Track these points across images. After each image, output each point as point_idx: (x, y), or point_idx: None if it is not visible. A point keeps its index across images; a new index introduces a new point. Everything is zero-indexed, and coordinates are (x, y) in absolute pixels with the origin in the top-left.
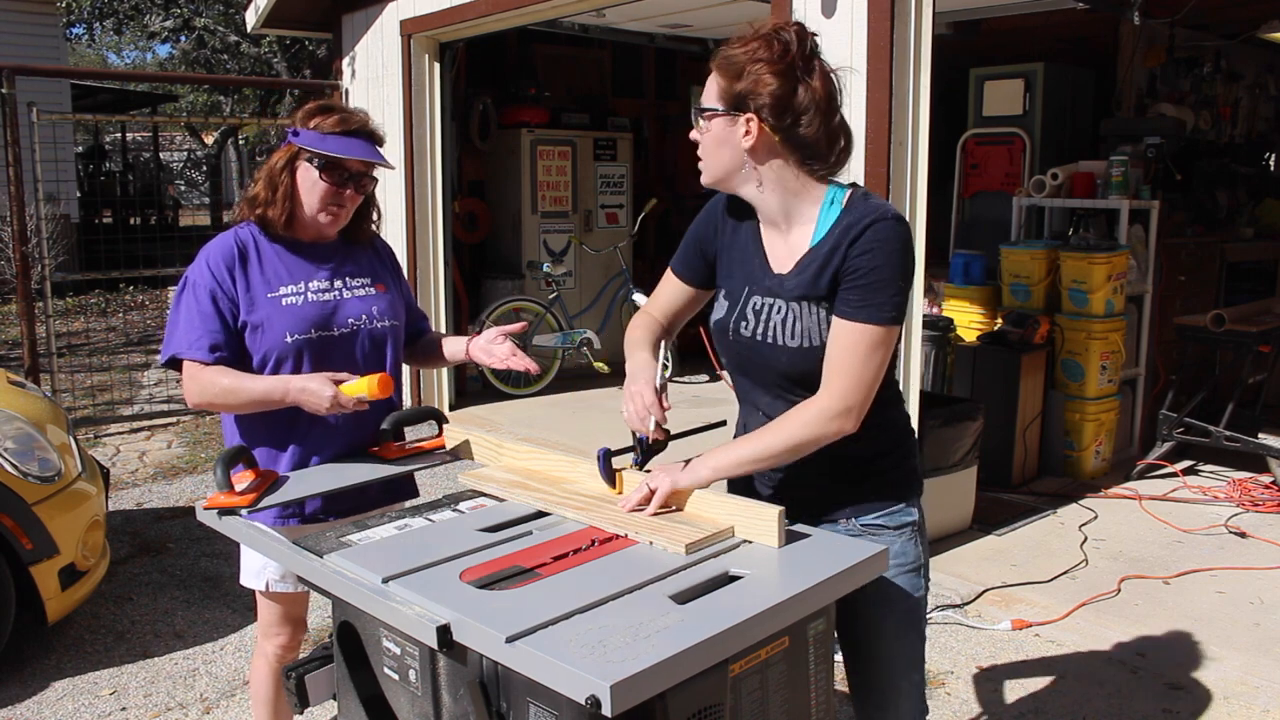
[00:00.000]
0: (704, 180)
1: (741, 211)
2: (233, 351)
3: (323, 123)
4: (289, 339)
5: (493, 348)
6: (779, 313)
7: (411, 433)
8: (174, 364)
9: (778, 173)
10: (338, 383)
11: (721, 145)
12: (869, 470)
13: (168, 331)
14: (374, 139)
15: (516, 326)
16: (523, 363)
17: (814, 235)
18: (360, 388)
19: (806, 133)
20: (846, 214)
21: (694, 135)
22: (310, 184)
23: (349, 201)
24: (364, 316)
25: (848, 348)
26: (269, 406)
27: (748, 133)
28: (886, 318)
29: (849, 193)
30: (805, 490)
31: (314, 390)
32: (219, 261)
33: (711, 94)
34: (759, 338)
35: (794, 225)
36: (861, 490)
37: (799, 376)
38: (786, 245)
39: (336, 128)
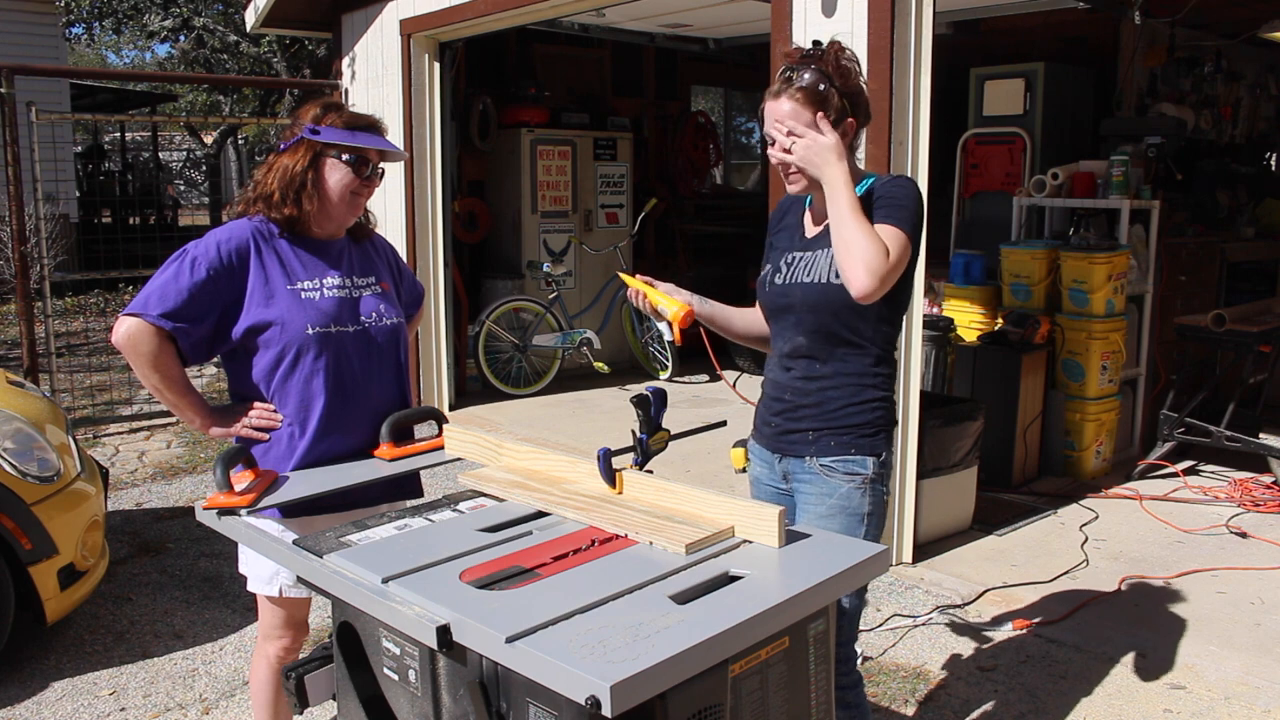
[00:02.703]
0: (798, 190)
1: (783, 210)
2: (196, 341)
3: (338, 119)
4: (310, 331)
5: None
6: (801, 261)
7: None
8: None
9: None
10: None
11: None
12: (840, 415)
13: (143, 291)
14: (384, 131)
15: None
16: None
17: None
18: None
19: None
20: (876, 183)
21: (777, 154)
22: (338, 178)
23: (370, 193)
24: (374, 314)
25: (885, 237)
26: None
27: (845, 133)
28: (905, 227)
29: (878, 177)
30: (798, 424)
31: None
32: (233, 249)
33: (804, 116)
34: (784, 283)
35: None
36: (829, 434)
37: (811, 306)
38: (817, 218)
39: (356, 123)
